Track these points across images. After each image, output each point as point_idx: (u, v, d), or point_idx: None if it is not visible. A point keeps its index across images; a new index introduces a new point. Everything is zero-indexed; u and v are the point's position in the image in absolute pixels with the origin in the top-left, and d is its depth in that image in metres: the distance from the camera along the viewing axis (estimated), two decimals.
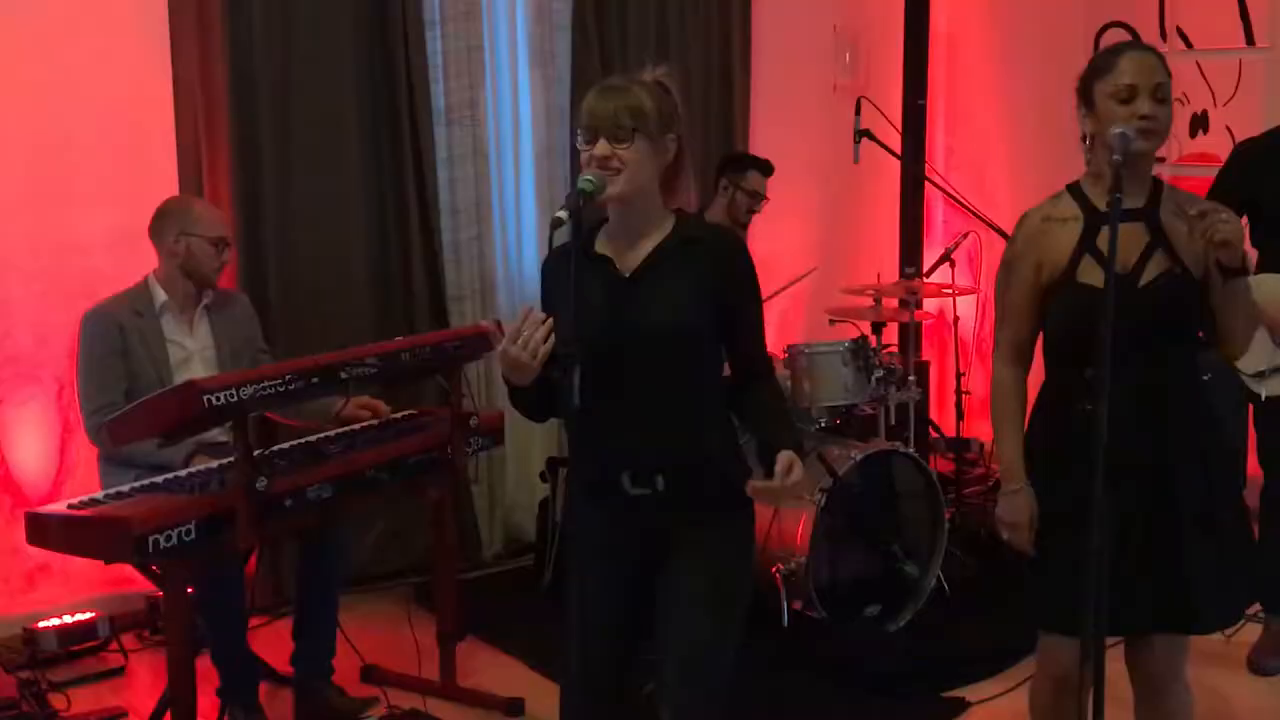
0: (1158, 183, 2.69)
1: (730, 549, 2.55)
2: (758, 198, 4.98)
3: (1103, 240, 2.59)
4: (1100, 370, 2.39)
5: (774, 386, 2.63)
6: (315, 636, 3.80)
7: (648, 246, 2.48)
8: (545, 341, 2.32)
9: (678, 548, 2.51)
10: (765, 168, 5.07)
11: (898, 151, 5.68)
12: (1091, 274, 2.61)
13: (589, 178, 2.39)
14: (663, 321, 2.43)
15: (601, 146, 2.40)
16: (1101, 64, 2.63)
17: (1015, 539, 2.73)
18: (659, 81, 2.49)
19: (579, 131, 2.45)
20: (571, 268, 2.35)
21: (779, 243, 5.96)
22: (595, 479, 2.50)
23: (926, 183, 6.18)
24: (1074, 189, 2.72)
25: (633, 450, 2.49)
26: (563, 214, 2.33)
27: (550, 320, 2.34)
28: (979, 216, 5.19)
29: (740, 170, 4.99)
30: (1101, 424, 2.38)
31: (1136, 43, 2.71)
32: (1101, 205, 2.62)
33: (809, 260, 6.16)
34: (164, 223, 3.77)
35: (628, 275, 2.48)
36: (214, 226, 3.82)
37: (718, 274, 2.47)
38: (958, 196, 5.35)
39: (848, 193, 6.30)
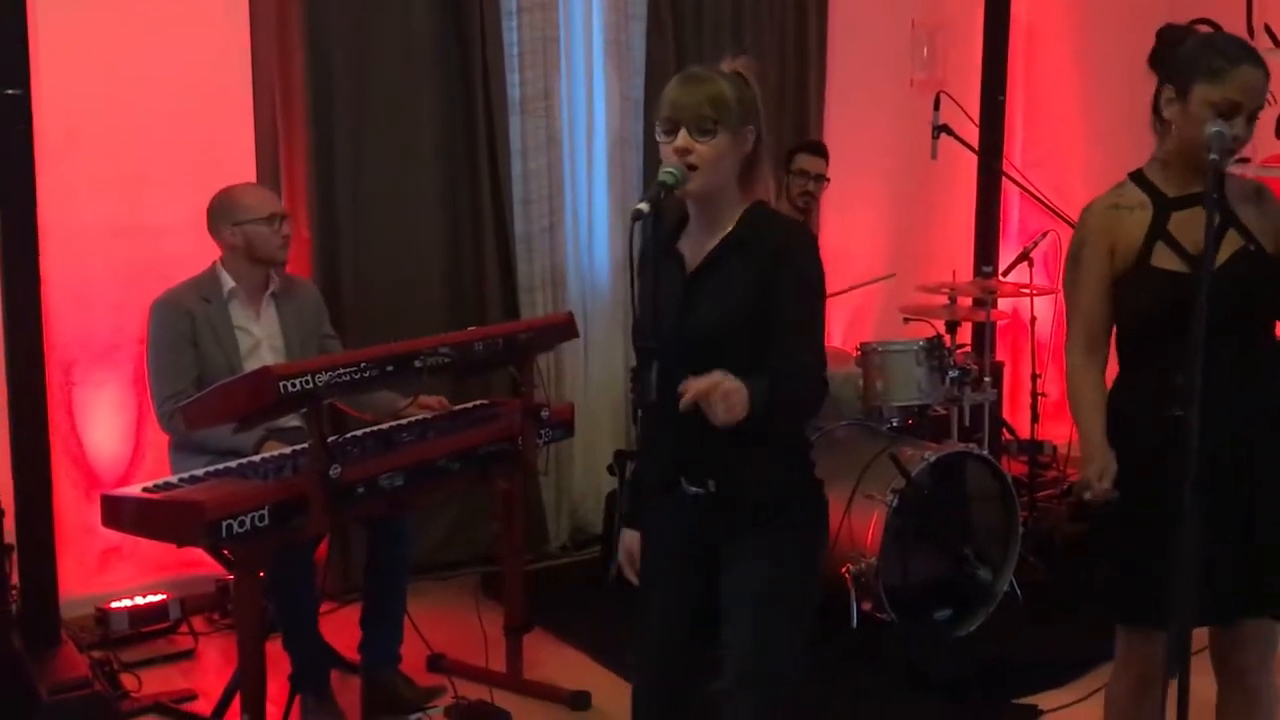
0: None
1: (792, 548, 2.49)
2: (807, 176, 4.89)
3: (1175, 225, 2.57)
4: (1190, 377, 2.34)
5: (789, 377, 2.32)
6: (383, 624, 3.80)
7: (714, 242, 2.44)
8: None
9: (740, 546, 2.47)
10: (813, 147, 5.01)
11: (976, 147, 5.60)
12: (1166, 259, 2.57)
13: (670, 170, 2.35)
14: (708, 320, 2.38)
15: (682, 139, 2.36)
16: (1211, 66, 2.53)
17: (1098, 494, 2.59)
18: (738, 72, 2.43)
19: (659, 122, 2.40)
20: (651, 262, 2.34)
21: (852, 238, 5.91)
22: (658, 475, 2.50)
23: (1004, 179, 6.09)
24: (1137, 177, 2.67)
25: (687, 450, 2.45)
26: (643, 206, 2.29)
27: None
28: (1058, 214, 5.09)
29: (787, 157, 4.95)
30: (1193, 431, 2.32)
31: (1248, 51, 2.57)
32: (1169, 191, 2.61)
33: (882, 256, 6.11)
34: (216, 219, 3.77)
35: (690, 272, 2.45)
36: (262, 207, 3.77)
37: (769, 269, 2.36)
38: (1038, 194, 5.25)
39: (923, 189, 6.22)
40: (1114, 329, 2.70)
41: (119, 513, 3.06)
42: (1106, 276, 2.64)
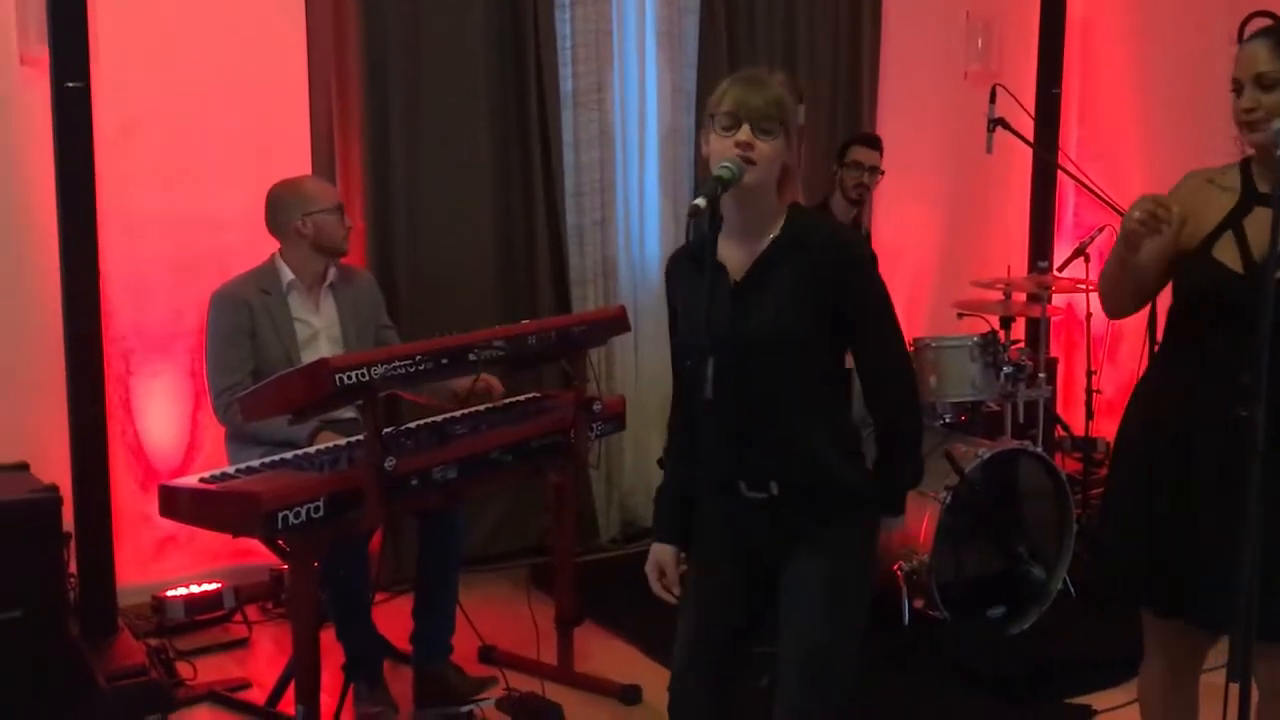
0: None
1: (850, 546, 2.50)
2: (861, 168, 4.89)
3: (1249, 222, 2.54)
4: (1256, 375, 2.29)
5: (895, 422, 2.52)
6: (435, 616, 3.81)
7: (759, 247, 2.45)
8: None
9: (797, 546, 2.48)
10: (867, 140, 5.00)
11: (1031, 141, 5.54)
12: (1226, 252, 2.54)
13: (727, 164, 2.35)
14: (761, 327, 2.39)
15: (744, 134, 2.36)
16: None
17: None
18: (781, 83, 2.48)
19: (717, 117, 2.40)
20: (709, 257, 2.33)
21: (906, 232, 5.87)
22: (717, 479, 2.53)
23: (1059, 174, 6.02)
24: (1244, 164, 2.63)
25: (747, 457, 2.47)
26: (700, 202, 2.30)
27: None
28: (1114, 208, 5.02)
29: (841, 149, 4.95)
30: (1258, 433, 2.28)
31: (1262, 29, 2.57)
32: (1261, 187, 2.57)
33: (936, 251, 6.07)
34: (284, 211, 3.79)
35: (735, 281, 2.45)
36: (330, 197, 3.85)
37: (824, 277, 2.40)
38: (1094, 188, 5.19)
39: (978, 183, 6.16)
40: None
41: (176, 503, 3.09)
42: (1172, 243, 2.59)
